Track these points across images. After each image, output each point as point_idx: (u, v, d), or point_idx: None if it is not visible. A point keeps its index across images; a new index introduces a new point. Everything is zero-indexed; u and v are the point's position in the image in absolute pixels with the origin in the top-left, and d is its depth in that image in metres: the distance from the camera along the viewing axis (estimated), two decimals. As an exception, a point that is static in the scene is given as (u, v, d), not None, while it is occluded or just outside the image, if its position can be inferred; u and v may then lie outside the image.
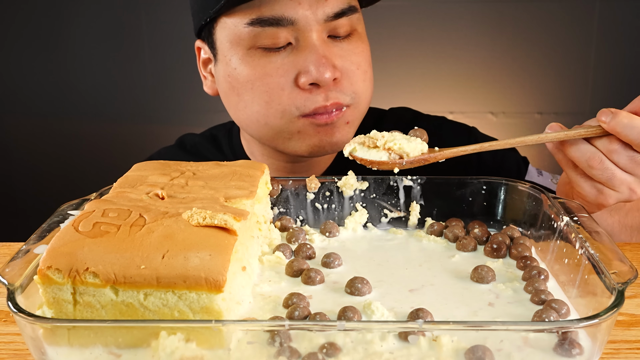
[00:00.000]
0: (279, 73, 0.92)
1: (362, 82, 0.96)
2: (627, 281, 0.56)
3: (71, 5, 2.13)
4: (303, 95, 0.92)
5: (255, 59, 0.92)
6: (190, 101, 2.20)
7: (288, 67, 0.91)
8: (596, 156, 0.75)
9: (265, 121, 0.95)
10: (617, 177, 0.75)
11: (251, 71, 0.93)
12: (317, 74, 0.89)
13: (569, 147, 0.77)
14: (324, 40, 0.92)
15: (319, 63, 0.89)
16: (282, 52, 0.92)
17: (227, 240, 0.58)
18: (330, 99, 0.92)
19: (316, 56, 0.90)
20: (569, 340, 0.53)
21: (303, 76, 0.90)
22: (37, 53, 2.18)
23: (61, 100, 2.24)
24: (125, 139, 2.24)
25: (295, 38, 0.91)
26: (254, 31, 0.91)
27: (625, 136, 0.74)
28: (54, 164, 2.28)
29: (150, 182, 0.70)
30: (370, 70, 0.98)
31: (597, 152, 0.76)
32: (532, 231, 0.78)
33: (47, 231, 0.66)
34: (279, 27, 0.90)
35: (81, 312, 0.56)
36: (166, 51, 2.17)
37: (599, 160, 0.75)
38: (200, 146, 1.17)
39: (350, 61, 0.94)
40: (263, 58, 0.92)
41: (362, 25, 0.98)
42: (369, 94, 0.98)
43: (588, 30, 2.08)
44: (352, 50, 0.95)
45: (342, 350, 0.52)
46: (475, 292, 0.66)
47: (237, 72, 0.94)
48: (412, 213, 0.83)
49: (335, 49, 0.93)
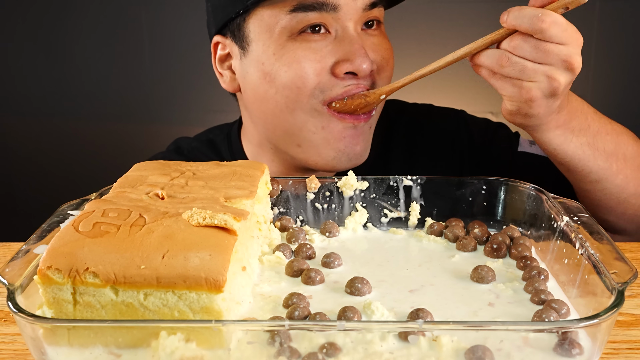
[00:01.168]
0: (316, 59, 0.92)
1: (387, 79, 0.97)
2: (627, 281, 0.56)
3: (71, 6, 2.13)
4: (335, 81, 0.92)
5: (296, 45, 0.92)
6: (190, 101, 2.20)
7: (326, 54, 0.92)
8: (503, 55, 0.79)
9: (294, 106, 0.94)
10: (529, 68, 0.78)
11: (290, 56, 0.92)
12: (357, 63, 0.91)
13: (480, 57, 0.82)
14: (359, 31, 0.94)
15: (359, 52, 0.91)
16: (321, 41, 0.92)
17: (227, 240, 0.58)
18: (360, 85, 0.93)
19: (357, 46, 0.91)
20: (569, 340, 0.53)
21: (342, 64, 0.91)
22: (37, 53, 2.18)
23: (61, 100, 2.24)
24: (125, 139, 2.24)
25: (334, 28, 0.92)
26: (295, 17, 0.91)
27: (520, 26, 0.77)
28: (54, 164, 2.28)
29: (150, 182, 0.70)
30: None
31: (503, 52, 0.80)
32: (532, 231, 0.78)
33: (47, 231, 0.66)
34: (321, 12, 0.91)
35: (81, 312, 0.56)
36: (166, 51, 2.17)
37: (506, 58, 0.79)
38: (199, 152, 1.15)
39: (382, 56, 0.96)
40: (303, 43, 0.92)
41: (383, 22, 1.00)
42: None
43: (588, 30, 2.08)
44: (381, 45, 0.97)
45: (342, 350, 0.52)
46: (475, 292, 0.66)
47: (274, 59, 0.93)
48: (412, 213, 0.83)
49: (368, 42, 0.94)
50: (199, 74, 2.18)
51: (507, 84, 0.80)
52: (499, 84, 0.81)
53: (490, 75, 0.82)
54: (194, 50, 2.17)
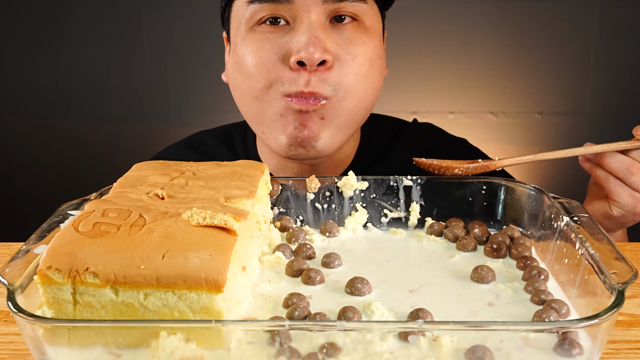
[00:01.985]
0: (272, 49, 0.92)
1: (354, 75, 0.92)
2: (627, 281, 0.56)
3: (71, 6, 2.14)
4: (290, 74, 0.91)
5: (255, 36, 0.93)
6: (190, 101, 2.20)
7: (281, 44, 0.92)
8: (635, 164, 0.83)
9: (255, 94, 0.94)
10: None
11: (249, 47, 0.94)
12: (305, 53, 0.88)
13: (607, 158, 0.85)
14: (321, 23, 0.91)
15: (309, 42, 0.89)
16: (279, 32, 0.92)
17: (227, 240, 0.58)
18: (310, 86, 0.90)
19: (308, 35, 0.89)
20: (569, 340, 0.53)
21: (293, 55, 0.90)
22: (37, 53, 2.18)
23: (61, 100, 2.24)
24: (125, 139, 2.24)
25: (292, 18, 0.91)
26: (253, 9, 0.92)
27: None
28: (54, 164, 2.28)
29: (150, 182, 0.70)
30: (372, 69, 0.95)
31: (635, 161, 0.83)
32: (532, 231, 0.78)
33: (47, 231, 0.66)
34: (276, 4, 0.91)
35: (81, 312, 0.56)
36: (166, 51, 2.18)
37: (638, 167, 0.83)
38: (210, 145, 1.16)
39: (346, 50, 0.92)
40: (261, 34, 0.93)
41: (373, 20, 0.96)
42: (358, 93, 0.94)
43: (588, 30, 2.08)
44: (351, 40, 0.92)
45: (342, 350, 0.52)
46: (475, 292, 0.66)
47: (240, 51, 0.95)
48: (412, 213, 0.83)
49: (334, 35, 0.92)
50: (199, 74, 2.18)
51: (625, 193, 0.85)
52: (617, 190, 0.85)
53: (609, 179, 0.85)
54: (194, 51, 2.18)
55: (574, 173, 1.74)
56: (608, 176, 0.85)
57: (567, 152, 0.85)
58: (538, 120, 2.17)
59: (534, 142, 2.19)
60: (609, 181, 0.86)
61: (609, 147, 0.84)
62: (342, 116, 0.94)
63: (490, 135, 2.19)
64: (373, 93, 0.97)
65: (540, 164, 2.22)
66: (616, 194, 0.85)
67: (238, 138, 1.16)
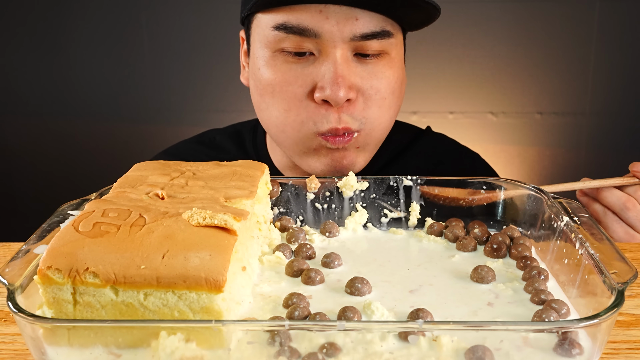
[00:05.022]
0: (297, 82, 0.91)
1: (378, 108, 0.93)
2: (627, 281, 0.56)
3: (71, 6, 2.14)
4: (319, 111, 0.91)
5: (278, 64, 0.92)
6: (190, 101, 2.20)
7: (306, 78, 0.91)
8: (631, 200, 0.85)
9: (282, 129, 0.95)
10: None
11: (272, 75, 0.92)
12: (331, 92, 0.88)
13: (604, 193, 0.87)
14: (346, 58, 0.90)
15: (334, 82, 0.88)
16: (303, 62, 0.91)
17: (227, 240, 0.58)
18: (342, 122, 0.91)
19: (333, 74, 0.88)
20: (569, 340, 0.53)
21: (317, 91, 0.90)
22: (37, 53, 2.18)
23: (61, 100, 2.24)
24: (125, 139, 2.24)
25: (318, 50, 0.90)
26: (278, 36, 0.90)
27: None
28: (54, 164, 2.28)
29: (150, 182, 0.70)
30: (393, 98, 0.95)
31: (631, 197, 0.85)
32: (532, 231, 0.78)
33: (47, 231, 0.66)
34: (302, 37, 0.89)
35: (81, 312, 0.56)
36: (166, 51, 2.18)
37: (633, 203, 0.85)
38: (220, 141, 1.17)
39: (370, 85, 0.92)
40: (285, 64, 0.92)
41: (398, 51, 0.95)
42: (384, 122, 0.96)
43: (588, 30, 2.08)
44: (375, 74, 0.92)
45: (342, 350, 0.52)
46: (475, 292, 0.66)
47: (260, 73, 0.94)
48: (412, 213, 0.83)
49: (358, 69, 0.91)
50: (199, 74, 2.18)
51: (621, 229, 0.87)
52: (614, 226, 0.87)
53: (606, 214, 0.87)
54: (194, 51, 2.18)
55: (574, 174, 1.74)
56: (605, 211, 0.87)
57: (565, 187, 0.87)
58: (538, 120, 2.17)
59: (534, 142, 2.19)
60: (606, 216, 0.87)
61: (606, 183, 0.87)
62: (374, 142, 0.97)
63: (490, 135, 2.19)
64: (396, 113, 0.99)
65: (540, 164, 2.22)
66: (612, 229, 0.87)
67: (248, 136, 1.16)
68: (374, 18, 0.89)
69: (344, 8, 0.87)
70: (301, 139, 0.94)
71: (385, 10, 0.89)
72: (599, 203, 0.88)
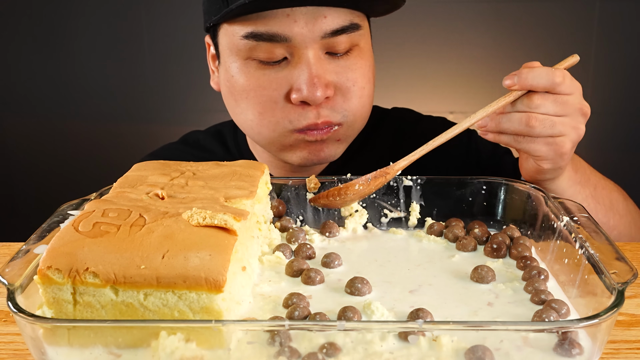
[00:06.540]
0: (272, 87, 0.92)
1: (358, 99, 0.95)
2: (627, 281, 0.56)
3: (71, 5, 2.13)
4: (295, 110, 0.92)
5: (251, 70, 0.93)
6: (190, 101, 2.20)
7: (281, 81, 0.92)
8: (531, 116, 0.78)
9: (258, 130, 0.96)
10: (558, 123, 0.79)
11: (246, 81, 0.93)
12: (308, 93, 0.89)
13: (502, 124, 0.80)
14: (319, 57, 0.91)
15: (310, 82, 0.89)
16: (276, 66, 0.92)
17: (227, 240, 0.58)
18: (321, 116, 0.92)
19: (308, 75, 0.89)
20: (569, 340, 0.53)
21: (294, 93, 0.91)
22: (37, 53, 2.18)
23: (62, 100, 2.24)
24: (125, 139, 2.24)
25: (290, 53, 0.91)
26: (249, 44, 0.91)
27: (537, 85, 0.77)
28: (54, 164, 2.28)
29: (150, 182, 0.70)
30: (370, 85, 0.97)
31: (526, 113, 0.78)
32: (532, 231, 0.78)
33: (47, 231, 0.66)
34: (273, 43, 0.89)
35: (81, 312, 0.56)
36: (166, 51, 2.17)
37: (534, 118, 0.78)
38: (204, 141, 1.18)
39: (346, 78, 0.93)
40: (258, 70, 0.92)
41: (366, 40, 0.97)
42: (365, 111, 0.98)
43: (588, 30, 2.08)
44: (349, 67, 0.93)
45: (342, 350, 0.52)
46: (475, 292, 0.66)
47: (234, 80, 0.95)
48: (412, 213, 0.84)
49: (331, 66, 0.92)
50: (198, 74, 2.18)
51: (540, 144, 0.80)
52: (532, 147, 0.80)
53: (518, 140, 0.80)
54: (194, 50, 2.18)
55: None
56: (515, 138, 0.81)
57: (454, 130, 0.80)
58: (538, 120, 2.17)
59: (534, 142, 2.19)
60: (519, 143, 0.81)
61: (491, 108, 0.79)
62: (355, 133, 0.99)
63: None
64: (372, 99, 1.00)
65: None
66: (532, 150, 0.81)
67: (229, 135, 1.17)
68: (341, 13, 0.90)
69: (311, 8, 0.88)
70: (277, 138, 0.95)
71: (352, 4, 0.90)
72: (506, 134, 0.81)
